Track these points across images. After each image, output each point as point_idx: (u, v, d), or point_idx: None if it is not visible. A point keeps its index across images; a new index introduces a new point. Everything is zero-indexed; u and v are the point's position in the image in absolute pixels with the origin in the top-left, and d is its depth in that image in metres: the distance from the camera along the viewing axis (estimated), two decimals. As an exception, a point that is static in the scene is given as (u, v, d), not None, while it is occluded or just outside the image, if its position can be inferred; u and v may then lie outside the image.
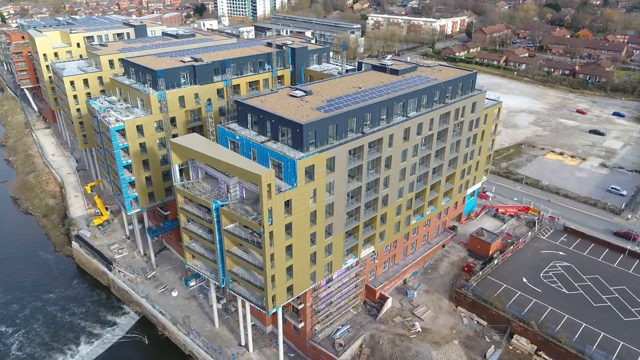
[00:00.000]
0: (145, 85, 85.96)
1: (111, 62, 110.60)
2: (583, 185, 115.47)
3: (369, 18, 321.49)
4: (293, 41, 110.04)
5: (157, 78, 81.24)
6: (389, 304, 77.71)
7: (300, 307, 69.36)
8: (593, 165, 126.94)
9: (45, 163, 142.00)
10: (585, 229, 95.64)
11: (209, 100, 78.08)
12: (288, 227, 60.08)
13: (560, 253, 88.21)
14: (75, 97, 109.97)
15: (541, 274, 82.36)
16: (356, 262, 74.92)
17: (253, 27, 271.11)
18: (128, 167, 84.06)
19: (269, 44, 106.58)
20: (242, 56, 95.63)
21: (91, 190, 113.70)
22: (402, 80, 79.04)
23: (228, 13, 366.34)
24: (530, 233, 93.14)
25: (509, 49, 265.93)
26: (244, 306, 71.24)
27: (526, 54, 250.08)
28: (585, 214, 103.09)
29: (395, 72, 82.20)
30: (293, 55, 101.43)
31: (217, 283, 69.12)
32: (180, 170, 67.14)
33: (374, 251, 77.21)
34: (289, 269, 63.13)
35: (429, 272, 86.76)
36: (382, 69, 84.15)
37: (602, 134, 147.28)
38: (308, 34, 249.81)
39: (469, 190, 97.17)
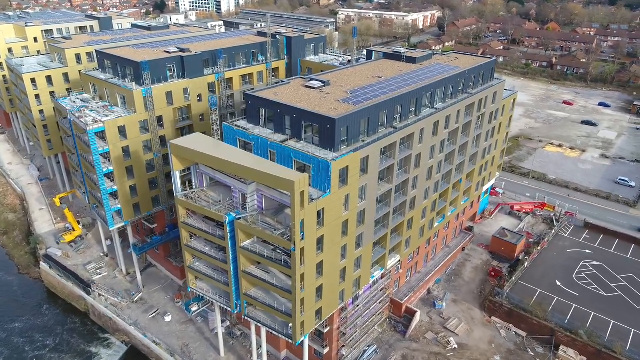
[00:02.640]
0: (126, 80, 74.26)
1: (78, 57, 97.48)
2: (589, 178, 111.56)
3: (340, 13, 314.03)
4: (286, 30, 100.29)
5: (141, 71, 69.80)
6: (417, 318, 69.64)
7: (325, 330, 60.19)
8: (594, 156, 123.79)
9: (1, 173, 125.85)
10: (606, 224, 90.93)
11: (212, 97, 67.39)
12: (319, 241, 50.78)
13: (587, 251, 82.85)
14: (37, 96, 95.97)
15: (574, 275, 76.53)
16: (382, 274, 66.40)
17: (222, 22, 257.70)
18: (109, 175, 72.30)
19: (260, 34, 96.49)
20: (234, 46, 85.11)
21: (60, 203, 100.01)
22: (423, 69, 71.03)
23: (190, 9, 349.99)
24: (553, 231, 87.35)
25: (482, 43, 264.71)
26: (258, 333, 61.37)
27: (501, 47, 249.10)
28: (601, 208, 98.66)
29: (412, 60, 74.10)
30: (289, 45, 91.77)
31: (228, 309, 58.85)
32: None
33: (399, 260, 68.95)
34: (319, 290, 53.83)
35: (452, 279, 79.35)
36: (396, 57, 75.86)
37: (594, 125, 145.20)
38: (281, 30, 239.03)
39: (485, 188, 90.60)
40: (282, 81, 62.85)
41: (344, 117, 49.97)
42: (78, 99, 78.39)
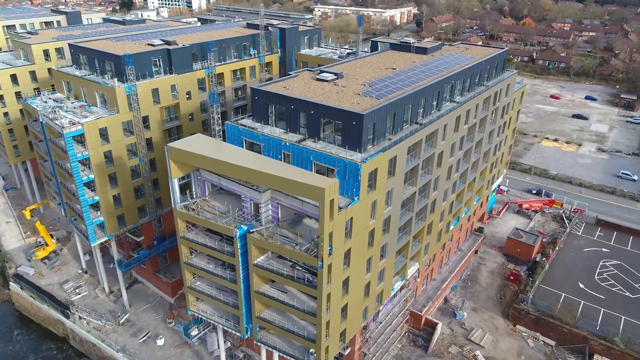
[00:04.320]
0: (106, 76, 65.90)
1: (46, 53, 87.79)
2: (590, 172, 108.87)
3: (316, 9, 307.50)
4: (279, 22, 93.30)
5: (124, 66, 61.71)
6: (438, 330, 64.05)
7: (346, 352, 53.79)
8: (591, 150, 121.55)
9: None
10: (618, 220, 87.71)
11: (213, 92, 59.91)
12: (346, 255, 44.35)
13: (604, 250, 79.18)
14: (0, 97, 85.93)
15: (595, 276, 72.52)
16: (402, 285, 60.50)
17: (196, 19, 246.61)
18: (89, 184, 63.91)
19: (250, 25, 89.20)
20: (224, 39, 77.59)
21: (31, 216, 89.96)
22: (437, 60, 65.43)
23: (160, 5, 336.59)
24: (567, 229, 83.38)
25: (461, 38, 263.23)
26: (270, 358, 54.36)
27: (480, 43, 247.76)
28: (608, 203, 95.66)
29: (422, 50, 68.45)
30: (282, 38, 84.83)
31: (237, 333, 51.69)
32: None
33: (418, 269, 63.20)
34: (344, 309, 47.39)
35: (469, 284, 74.20)
36: (405, 47, 70.06)
37: (585, 118, 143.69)
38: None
39: (494, 186, 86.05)
40: (290, 74, 55.98)
41: (372, 113, 43.64)
42: (50, 98, 69.47)
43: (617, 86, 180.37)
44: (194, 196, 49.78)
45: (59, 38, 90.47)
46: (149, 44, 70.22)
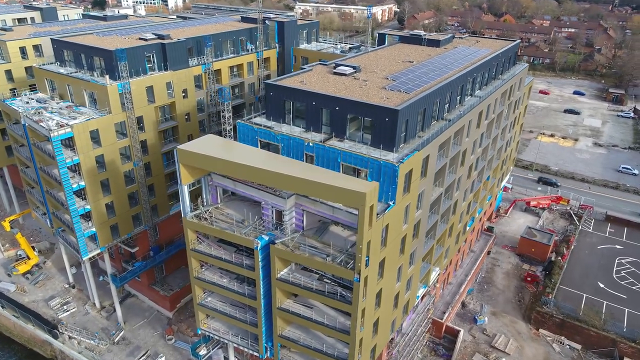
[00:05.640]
0: (94, 73, 60.23)
1: (23, 50, 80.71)
2: (590, 167, 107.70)
3: (297, 7, 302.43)
4: (275, 16, 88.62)
5: (116, 61, 56.27)
6: (460, 338, 60.62)
7: (372, 368, 49.71)
8: (588, 145, 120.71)
9: None
10: (626, 215, 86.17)
11: (221, 89, 55.05)
12: (380, 265, 40.29)
13: (617, 247, 77.31)
14: (-27, 99, 78.67)
15: (613, 275, 70.39)
16: (425, 292, 56.81)
17: (175, 16, 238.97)
18: (79, 192, 58.17)
19: (244, 19, 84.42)
20: (220, 32, 72.58)
21: (11, 227, 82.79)
22: (452, 52, 62.00)
23: (136, 2, 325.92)
24: (579, 227, 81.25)
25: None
26: (289, 378, 49.85)
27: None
28: (613, 199, 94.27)
29: (434, 43, 64.90)
30: (280, 32, 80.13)
31: (255, 353, 47.03)
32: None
33: (438, 274, 59.66)
34: (375, 324, 43.33)
35: (485, 287, 71.12)
36: (415, 40, 66.37)
37: (577, 113, 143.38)
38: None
39: (503, 183, 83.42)
40: (303, 68, 51.51)
41: (406, 108, 39.64)
42: (32, 99, 63.27)
43: (603, 81, 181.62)
44: (205, 204, 44.87)
45: (37, 34, 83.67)
46: (140, 39, 64.82)
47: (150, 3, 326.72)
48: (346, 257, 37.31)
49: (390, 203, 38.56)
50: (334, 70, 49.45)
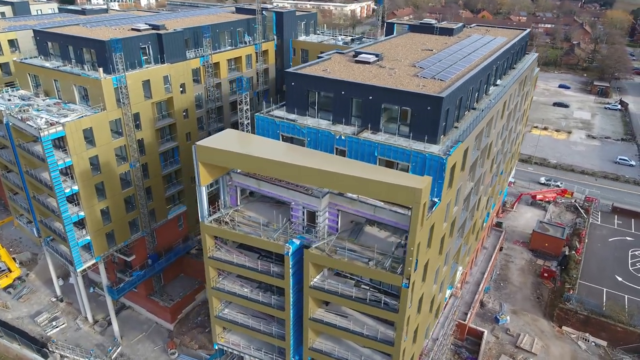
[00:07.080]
0: (85, 67, 54.89)
1: (-3, 45, 74.38)
2: (587, 159, 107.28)
3: (274, 3, 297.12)
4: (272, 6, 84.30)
5: (109, 53, 51.26)
6: (485, 339, 57.87)
7: (403, 377, 46.29)
8: (581, 137, 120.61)
9: None
10: (632, 207, 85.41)
11: (240, 78, 50.75)
12: (424, 268, 36.86)
13: (628, 239, 76.21)
14: (-57, 99, 71.71)
15: (630, 268, 69.06)
16: (451, 293, 53.84)
17: (155, 13, 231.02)
18: (72, 197, 52.82)
19: (239, 10, 79.98)
20: (217, 23, 68.02)
21: (-10, 237, 76.20)
22: (468, 40, 59.25)
23: (105, 1, 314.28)
24: (589, 220, 79.85)
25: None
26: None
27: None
28: (615, 190, 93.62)
29: (448, 31, 62.06)
30: (279, 23, 75.98)
31: (280, 368, 42.96)
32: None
33: (462, 273, 56.81)
34: (415, 331, 39.90)
35: (501, 285, 68.71)
36: (426, 29, 63.35)
37: (566, 106, 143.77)
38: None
39: (510, 177, 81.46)
40: (321, 56, 47.67)
41: (450, 95, 36.27)
42: (14, 96, 57.40)
43: (585, 74, 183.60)
44: (223, 205, 40.55)
45: (12, 29, 77.08)
46: (133, 29, 59.73)
47: (122, 1, 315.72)
48: (392, 261, 33.71)
49: (437, 200, 35.19)
50: (356, 59, 45.82)
